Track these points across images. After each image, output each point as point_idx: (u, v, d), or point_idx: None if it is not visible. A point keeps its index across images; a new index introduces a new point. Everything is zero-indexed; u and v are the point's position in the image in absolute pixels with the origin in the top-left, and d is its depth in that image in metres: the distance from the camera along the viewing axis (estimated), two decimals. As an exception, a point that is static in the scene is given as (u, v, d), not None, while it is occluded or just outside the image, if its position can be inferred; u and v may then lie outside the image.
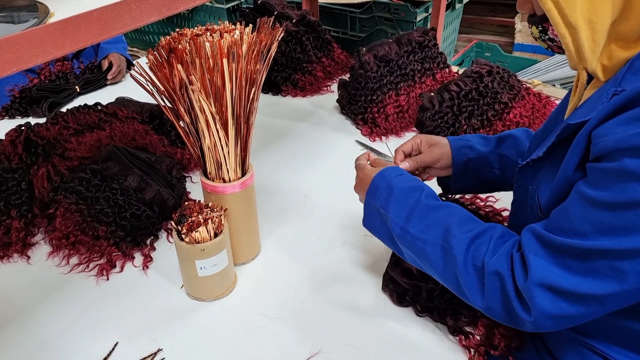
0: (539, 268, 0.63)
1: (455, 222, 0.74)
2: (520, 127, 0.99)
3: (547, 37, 0.72)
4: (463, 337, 0.83)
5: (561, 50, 0.73)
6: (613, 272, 0.58)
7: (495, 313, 0.69)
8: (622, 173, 0.57)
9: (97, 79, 1.70)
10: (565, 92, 1.61)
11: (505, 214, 1.07)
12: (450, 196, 1.02)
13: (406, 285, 0.89)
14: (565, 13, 0.62)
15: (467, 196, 1.07)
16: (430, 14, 1.80)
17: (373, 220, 0.84)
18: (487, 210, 1.06)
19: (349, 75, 1.48)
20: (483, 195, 1.11)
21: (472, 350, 0.82)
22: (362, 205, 1.14)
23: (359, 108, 1.44)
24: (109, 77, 1.72)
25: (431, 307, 0.87)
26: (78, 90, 1.64)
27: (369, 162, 0.91)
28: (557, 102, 1.50)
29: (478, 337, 0.82)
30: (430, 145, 0.95)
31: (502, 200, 1.10)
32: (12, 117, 1.54)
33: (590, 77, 0.73)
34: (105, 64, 1.73)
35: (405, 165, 0.91)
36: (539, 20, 0.70)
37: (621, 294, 0.59)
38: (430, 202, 0.78)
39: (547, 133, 0.77)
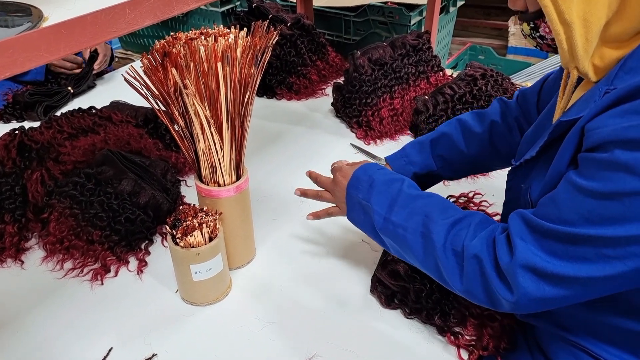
0: (524, 250, 0.64)
1: (436, 209, 0.76)
2: (453, 119, 1.02)
3: (537, 34, 0.72)
4: (452, 336, 0.84)
5: (550, 49, 0.73)
6: (598, 258, 0.59)
7: (475, 296, 0.70)
8: (612, 164, 0.58)
9: (86, 73, 1.68)
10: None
11: (497, 218, 1.07)
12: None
13: (394, 287, 0.90)
14: (561, 10, 0.62)
15: (461, 200, 1.07)
16: (424, 17, 1.81)
17: (356, 213, 0.85)
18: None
19: (343, 79, 1.49)
20: (477, 200, 1.11)
21: (461, 350, 0.83)
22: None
23: (354, 111, 1.44)
24: (96, 66, 1.69)
25: (419, 308, 0.87)
26: (71, 91, 1.63)
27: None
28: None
29: (467, 337, 0.83)
30: None
31: (496, 205, 1.11)
32: (7, 121, 1.53)
33: (580, 79, 0.73)
34: (86, 54, 1.71)
35: None
36: (531, 17, 0.71)
37: (605, 278, 0.60)
38: (411, 192, 0.80)
39: (538, 134, 0.78)
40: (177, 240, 0.84)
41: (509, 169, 0.83)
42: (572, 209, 0.61)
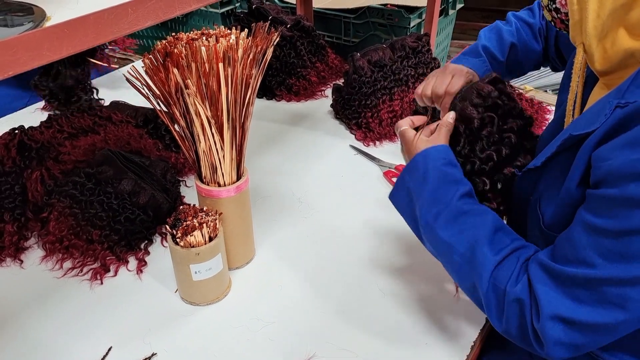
0: (549, 300, 0.62)
1: (486, 235, 0.71)
2: (512, 22, 1.08)
3: (554, 6, 0.71)
4: None
5: (563, 25, 0.72)
6: (622, 301, 0.58)
7: (512, 336, 0.68)
8: (626, 200, 0.56)
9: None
10: (556, 97, 1.61)
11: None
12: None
13: None
14: None
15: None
16: (423, 20, 1.81)
17: (400, 197, 0.81)
18: None
19: (343, 80, 1.49)
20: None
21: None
22: (357, 211, 1.15)
23: (353, 113, 1.44)
24: None
25: None
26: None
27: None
28: (549, 107, 1.52)
29: None
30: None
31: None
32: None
33: (595, 79, 0.72)
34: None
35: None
36: None
37: (632, 321, 0.59)
38: (462, 206, 0.74)
39: (552, 138, 0.75)
40: (177, 240, 0.84)
41: (516, 177, 0.81)
42: (590, 249, 0.59)
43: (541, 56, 1.06)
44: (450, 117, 0.84)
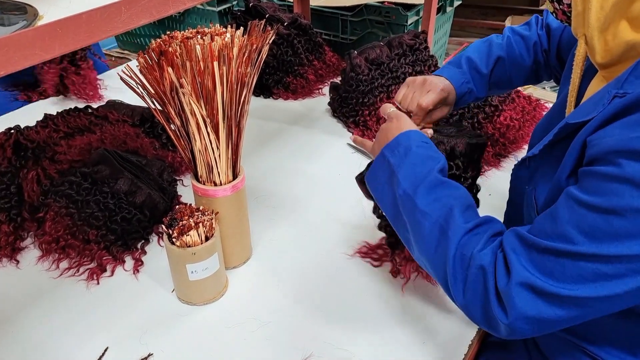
0: (520, 269, 0.61)
1: (460, 206, 0.72)
2: (505, 38, 1.05)
3: None
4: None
5: (564, 17, 0.71)
6: (596, 277, 0.57)
7: (472, 313, 0.67)
8: (616, 177, 0.56)
9: None
10: (554, 94, 1.61)
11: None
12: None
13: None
14: None
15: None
16: (421, 17, 1.81)
17: (380, 174, 0.81)
18: None
19: (340, 78, 1.49)
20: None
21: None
22: (352, 210, 1.15)
23: (351, 111, 1.44)
24: None
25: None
26: None
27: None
28: (547, 105, 1.51)
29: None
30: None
31: (492, 205, 1.11)
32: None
33: (594, 71, 0.72)
34: None
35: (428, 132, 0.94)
36: None
37: (602, 299, 0.58)
38: (440, 177, 0.76)
39: (549, 128, 0.75)
40: (174, 239, 0.84)
41: (513, 166, 0.82)
42: (572, 225, 0.59)
43: (531, 70, 1.04)
44: (428, 132, 0.91)
